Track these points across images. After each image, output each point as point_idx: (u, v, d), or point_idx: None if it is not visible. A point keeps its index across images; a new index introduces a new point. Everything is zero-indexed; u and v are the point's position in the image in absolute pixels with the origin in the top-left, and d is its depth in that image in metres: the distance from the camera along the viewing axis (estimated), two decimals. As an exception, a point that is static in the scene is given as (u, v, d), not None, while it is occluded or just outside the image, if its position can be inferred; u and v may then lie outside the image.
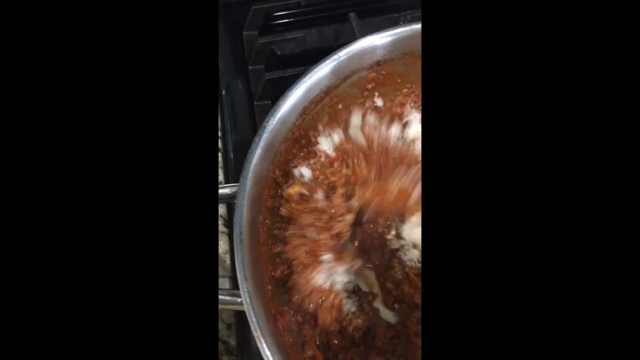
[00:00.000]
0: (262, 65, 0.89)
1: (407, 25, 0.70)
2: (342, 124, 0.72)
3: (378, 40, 0.70)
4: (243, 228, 0.57)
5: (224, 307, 0.56)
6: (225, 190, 0.62)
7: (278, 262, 0.64)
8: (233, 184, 0.61)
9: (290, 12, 0.97)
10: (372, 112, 0.73)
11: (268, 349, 0.51)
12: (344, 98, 0.73)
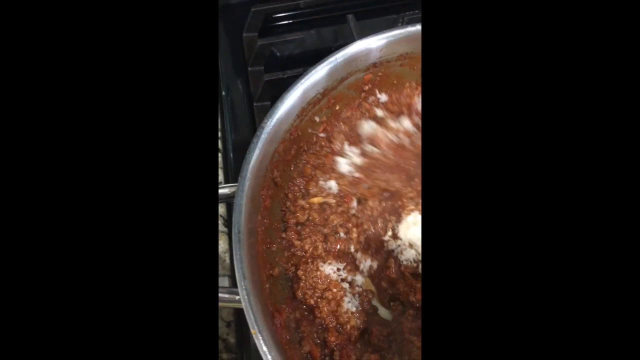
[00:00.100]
0: (261, 67, 0.90)
1: (402, 28, 0.71)
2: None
3: (374, 43, 0.71)
4: (242, 227, 0.58)
5: (223, 304, 0.57)
6: (225, 190, 0.64)
7: (286, 256, 0.67)
8: (232, 184, 0.63)
9: (290, 13, 0.98)
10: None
11: (265, 345, 0.52)
12: (341, 99, 0.74)
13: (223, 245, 0.79)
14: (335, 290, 0.64)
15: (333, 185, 0.71)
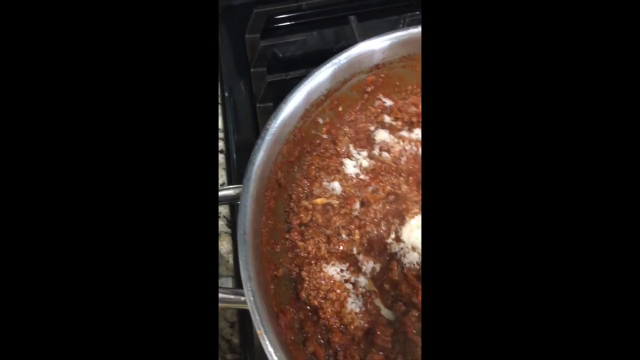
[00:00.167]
0: (263, 68, 0.91)
1: (405, 30, 0.72)
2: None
3: (376, 45, 0.71)
4: (247, 229, 0.58)
5: (228, 305, 0.58)
6: (229, 192, 0.64)
7: (290, 257, 0.67)
8: (236, 186, 0.63)
9: (292, 15, 0.98)
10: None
11: (271, 346, 0.52)
12: (344, 101, 0.75)
13: (227, 246, 0.80)
14: (339, 291, 0.64)
15: (337, 187, 0.71)
